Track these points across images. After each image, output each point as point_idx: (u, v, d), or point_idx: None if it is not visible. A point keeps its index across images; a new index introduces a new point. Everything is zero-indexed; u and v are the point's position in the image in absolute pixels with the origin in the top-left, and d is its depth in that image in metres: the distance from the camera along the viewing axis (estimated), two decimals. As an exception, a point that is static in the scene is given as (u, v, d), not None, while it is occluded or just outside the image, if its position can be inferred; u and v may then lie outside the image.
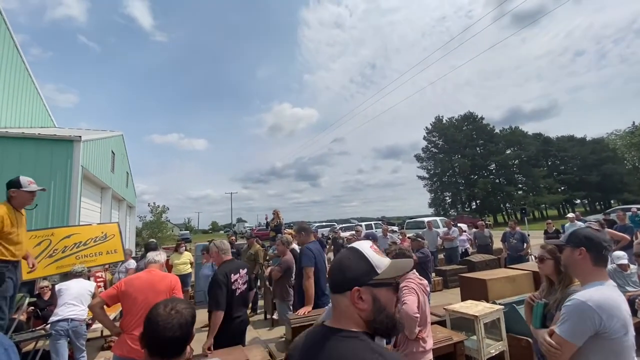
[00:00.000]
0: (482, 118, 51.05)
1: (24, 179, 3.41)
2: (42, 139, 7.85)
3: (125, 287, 2.64)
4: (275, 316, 5.84)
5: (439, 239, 10.02)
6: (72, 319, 3.79)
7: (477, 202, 49.84)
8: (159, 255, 3.07)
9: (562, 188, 48.46)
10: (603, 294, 1.35)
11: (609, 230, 6.48)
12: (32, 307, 5.09)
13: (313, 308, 3.42)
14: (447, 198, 53.26)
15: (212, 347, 2.84)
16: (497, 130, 51.05)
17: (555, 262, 2.15)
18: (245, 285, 3.20)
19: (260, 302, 6.96)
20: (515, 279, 4.33)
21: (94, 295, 4.05)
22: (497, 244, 8.91)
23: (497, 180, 48.81)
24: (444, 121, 52.90)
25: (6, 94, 9.44)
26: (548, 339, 1.44)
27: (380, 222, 24.79)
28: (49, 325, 4.59)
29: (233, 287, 3.03)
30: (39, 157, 7.63)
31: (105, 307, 2.69)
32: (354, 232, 9.08)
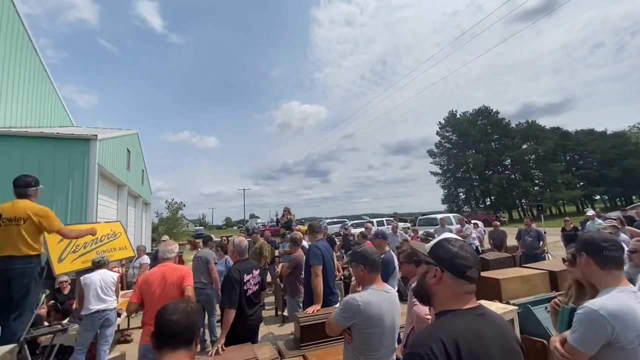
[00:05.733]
0: (497, 112, 49.85)
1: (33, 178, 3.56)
2: (60, 138, 8.08)
3: (143, 284, 2.87)
4: (285, 313, 5.88)
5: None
6: (103, 310, 3.99)
7: (492, 198, 48.82)
8: (171, 253, 3.17)
9: (581, 183, 46.92)
10: (617, 301, 1.29)
11: (629, 228, 6.23)
12: (53, 301, 5.28)
13: (322, 306, 3.42)
14: (461, 194, 52.41)
15: (224, 344, 2.89)
16: (513, 125, 49.73)
17: None
18: (257, 286, 3.25)
19: (271, 299, 7.02)
20: (530, 279, 4.22)
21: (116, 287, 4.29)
22: (512, 241, 8.71)
23: (513, 176, 47.65)
24: (458, 116, 51.90)
25: (26, 95, 9.78)
26: (559, 347, 1.40)
27: (392, 218, 24.61)
28: (67, 320, 4.77)
29: (245, 287, 3.08)
30: (58, 155, 7.86)
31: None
32: (363, 229, 9.02)
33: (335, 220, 30.93)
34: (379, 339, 1.89)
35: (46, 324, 4.46)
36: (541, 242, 7.41)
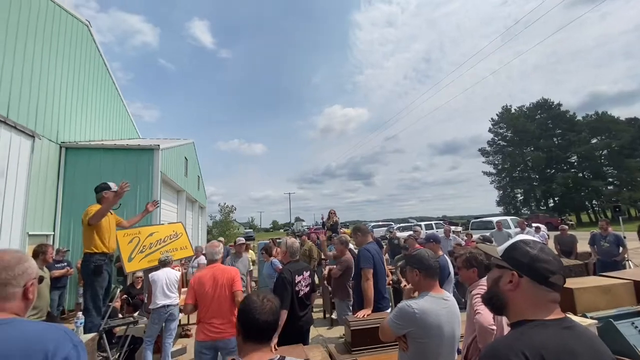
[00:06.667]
0: (559, 105, 45.17)
1: (111, 184, 4.01)
2: (130, 149, 9.07)
3: (196, 284, 3.04)
4: (334, 315, 5.87)
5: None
6: (168, 305, 4.33)
7: (555, 199, 44.20)
8: (217, 254, 3.32)
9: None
10: None
11: None
12: (126, 295, 5.86)
13: (373, 311, 3.35)
14: (519, 195, 48.21)
15: (276, 345, 2.96)
16: (578, 117, 44.64)
17: None
18: (308, 288, 3.28)
19: (319, 301, 7.05)
20: (610, 289, 3.71)
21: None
22: (582, 246, 7.77)
23: (581, 174, 42.64)
24: (513, 111, 48.01)
25: (103, 113, 11.21)
26: None
27: (441, 221, 23.43)
28: (137, 313, 5.25)
29: (296, 288, 3.13)
30: (127, 164, 8.82)
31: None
32: (411, 232, 8.70)
33: (380, 223, 30.34)
34: (436, 349, 1.79)
35: (120, 316, 4.95)
36: (621, 249, 6.52)
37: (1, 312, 1.01)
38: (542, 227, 10.74)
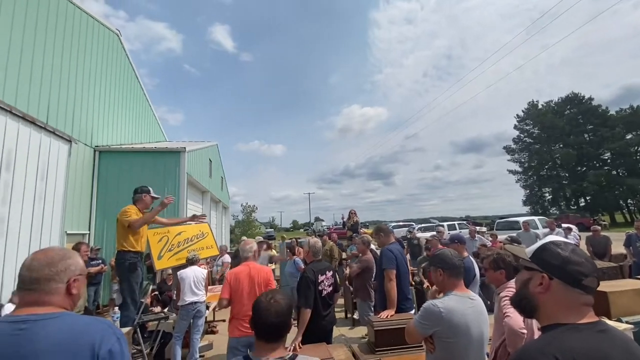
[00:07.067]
0: (590, 99, 42.81)
1: (150, 188, 4.25)
2: (157, 152, 9.49)
3: (232, 280, 3.10)
4: (355, 316, 5.89)
5: (537, 241, 8.74)
6: (195, 302, 4.51)
7: (587, 198, 41.97)
8: (250, 252, 3.38)
9: None
10: None
11: None
12: (157, 292, 6.13)
13: (396, 312, 3.34)
14: (547, 194, 46.12)
15: (300, 343, 3.02)
16: (611, 112, 42.11)
17: None
18: (331, 288, 3.31)
19: (340, 301, 7.07)
20: (648, 294, 3.54)
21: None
22: (616, 248, 7.38)
23: (614, 172, 40.24)
24: (540, 106, 45.98)
25: (132, 118, 11.77)
26: None
27: (464, 222, 22.80)
28: (167, 309, 5.47)
29: (319, 287, 3.16)
30: (156, 166, 9.24)
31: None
32: (434, 232, 8.55)
33: (401, 223, 29.92)
34: (465, 350, 1.77)
35: (155, 310, 5.19)
36: (660, 251, 6.16)
37: (49, 306, 1.04)
38: (574, 228, 10.26)
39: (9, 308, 4.69)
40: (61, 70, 7.50)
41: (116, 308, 3.81)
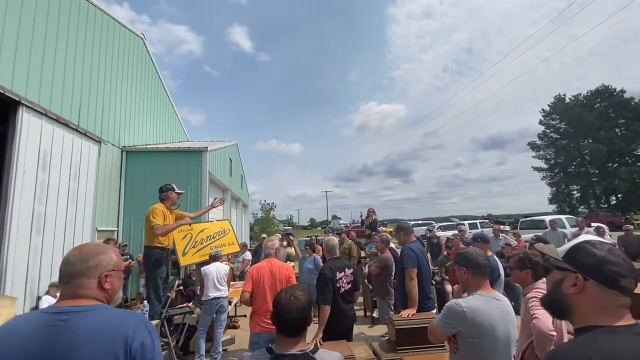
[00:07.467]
0: (622, 91, 40.53)
1: (174, 185, 4.37)
2: (181, 151, 9.78)
3: (254, 275, 3.15)
4: (375, 314, 5.88)
5: (566, 241, 8.39)
6: (218, 297, 4.65)
7: (619, 196, 39.82)
8: (271, 248, 3.44)
9: None
10: None
11: None
12: (181, 287, 6.34)
13: (417, 311, 3.31)
14: (575, 192, 44.21)
15: (321, 340, 3.05)
16: (647, 105, 39.70)
17: None
18: (350, 285, 3.32)
19: (359, 299, 7.07)
20: (688, 298, 3.34)
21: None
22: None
23: (650, 169, 38.00)
24: (567, 100, 44.00)
25: (156, 119, 12.19)
26: None
27: (486, 221, 22.16)
28: (191, 303, 5.65)
29: (337, 284, 3.18)
30: (179, 165, 9.54)
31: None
32: (456, 232, 8.38)
33: (420, 222, 29.46)
34: (490, 351, 1.74)
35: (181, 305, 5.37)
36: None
37: (85, 299, 1.09)
38: (605, 227, 9.77)
39: (47, 299, 5.02)
40: (91, 74, 7.86)
41: (145, 302, 3.98)
